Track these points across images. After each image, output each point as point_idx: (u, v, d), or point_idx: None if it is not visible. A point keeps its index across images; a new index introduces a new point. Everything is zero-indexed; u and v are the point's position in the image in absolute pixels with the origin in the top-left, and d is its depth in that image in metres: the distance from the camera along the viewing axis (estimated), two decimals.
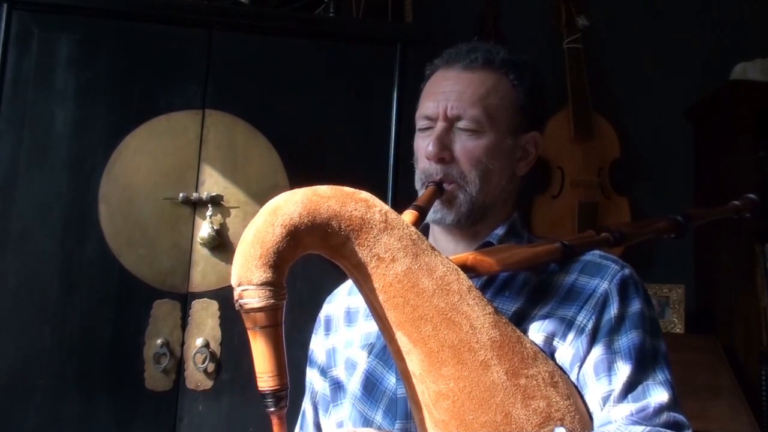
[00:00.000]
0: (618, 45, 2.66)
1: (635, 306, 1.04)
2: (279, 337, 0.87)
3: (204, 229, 1.79)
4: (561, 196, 2.44)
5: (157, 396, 1.74)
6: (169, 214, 1.80)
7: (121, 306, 1.76)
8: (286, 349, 0.89)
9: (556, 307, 1.05)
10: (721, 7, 2.71)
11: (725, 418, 2.10)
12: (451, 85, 1.14)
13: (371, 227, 0.92)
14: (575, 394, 0.98)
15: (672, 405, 0.97)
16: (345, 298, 1.25)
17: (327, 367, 1.22)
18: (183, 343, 1.76)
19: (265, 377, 0.87)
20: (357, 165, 1.86)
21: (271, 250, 0.86)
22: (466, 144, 1.11)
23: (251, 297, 0.86)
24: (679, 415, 0.97)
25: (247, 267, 0.86)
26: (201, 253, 1.80)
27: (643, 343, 1.01)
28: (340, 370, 1.18)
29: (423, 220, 1.07)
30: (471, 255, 1.03)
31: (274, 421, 0.87)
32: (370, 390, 1.10)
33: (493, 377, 0.91)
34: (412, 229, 0.95)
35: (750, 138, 2.36)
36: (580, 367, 1.01)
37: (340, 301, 1.26)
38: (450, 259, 0.97)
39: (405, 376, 0.96)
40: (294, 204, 0.89)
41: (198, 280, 1.79)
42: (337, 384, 1.18)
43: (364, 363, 1.13)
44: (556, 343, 1.02)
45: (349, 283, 1.24)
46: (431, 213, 1.11)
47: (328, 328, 1.26)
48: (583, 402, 0.99)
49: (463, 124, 1.11)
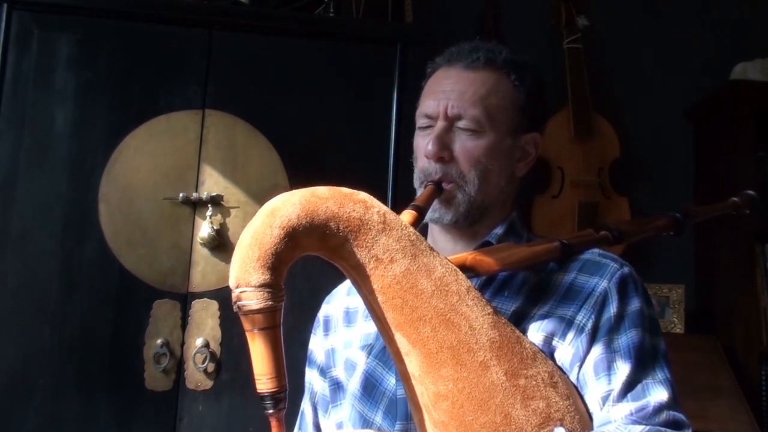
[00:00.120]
0: (618, 45, 2.65)
1: (634, 305, 1.04)
2: (277, 338, 0.87)
3: (204, 229, 1.79)
4: (561, 196, 2.43)
5: (157, 396, 1.74)
6: (169, 214, 1.80)
7: (121, 306, 1.76)
8: (286, 349, 0.89)
9: (556, 306, 1.05)
10: (721, 7, 2.71)
11: (725, 418, 2.10)
12: (452, 84, 1.13)
13: (369, 228, 0.91)
14: (575, 394, 0.98)
15: (671, 404, 0.96)
16: (344, 298, 1.25)
17: (326, 368, 1.21)
18: (183, 343, 1.76)
19: (263, 379, 0.86)
20: (357, 165, 1.86)
21: (269, 252, 0.86)
22: (466, 144, 1.11)
23: (249, 299, 0.85)
24: (679, 414, 0.97)
25: (245, 269, 0.86)
26: (201, 253, 1.80)
27: (642, 342, 1.00)
28: (340, 371, 1.18)
29: (422, 220, 1.06)
30: (470, 255, 1.02)
31: (273, 424, 0.87)
32: (370, 391, 1.10)
33: (493, 378, 0.90)
34: (411, 229, 0.95)
35: (750, 138, 2.36)
36: (580, 366, 1.00)
37: (338, 302, 1.26)
38: (449, 260, 0.97)
39: (404, 377, 0.96)
40: (292, 205, 0.89)
41: (198, 280, 1.79)
42: (337, 384, 1.18)
43: (363, 364, 1.12)
44: (555, 342, 1.02)
45: (347, 283, 1.23)
46: (429, 212, 1.11)
47: (327, 329, 1.25)
48: (583, 402, 0.99)
49: (464, 123, 1.11)
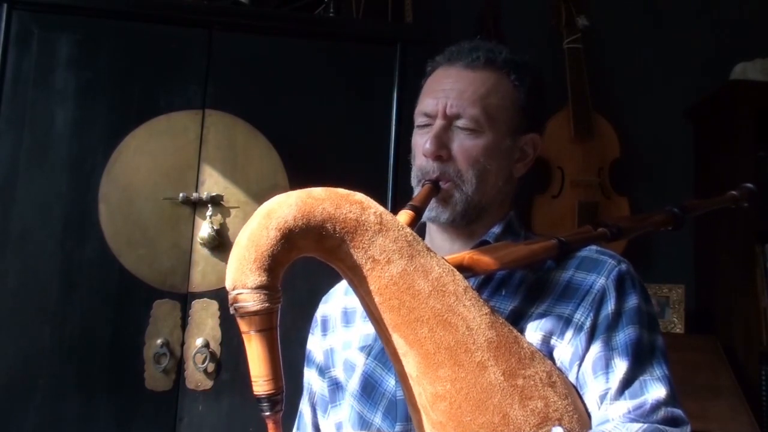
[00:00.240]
0: (618, 45, 2.65)
1: (632, 301, 1.03)
2: (274, 340, 0.87)
3: (204, 229, 1.79)
4: (561, 196, 2.43)
5: (157, 396, 1.74)
6: (169, 214, 1.80)
7: (121, 306, 1.76)
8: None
9: (554, 304, 1.04)
10: (721, 7, 2.71)
11: (725, 418, 2.10)
12: (451, 83, 1.13)
13: (366, 229, 0.91)
14: (573, 393, 0.98)
15: (670, 400, 0.96)
16: (341, 298, 1.24)
17: (325, 368, 1.21)
18: (183, 343, 1.77)
19: (260, 381, 0.86)
20: (357, 165, 1.86)
21: (266, 254, 0.86)
22: (464, 143, 1.11)
23: (246, 300, 0.85)
24: (677, 410, 0.96)
25: (241, 270, 0.86)
26: (201, 253, 1.80)
27: (640, 339, 1.00)
28: (339, 371, 1.17)
29: (419, 220, 1.06)
30: (467, 255, 1.02)
31: (270, 426, 0.87)
32: (369, 392, 1.10)
33: (490, 378, 0.90)
34: (408, 230, 0.95)
35: (750, 138, 2.35)
36: (580, 365, 1.00)
37: (336, 301, 1.25)
38: (446, 260, 0.97)
39: (402, 378, 0.96)
40: (288, 207, 0.89)
41: (198, 280, 1.79)
42: (336, 384, 1.18)
43: (362, 365, 1.12)
44: (554, 341, 1.02)
45: (345, 283, 1.22)
46: (427, 211, 1.10)
47: (325, 329, 1.25)
48: (583, 401, 0.99)
49: (462, 122, 1.10)
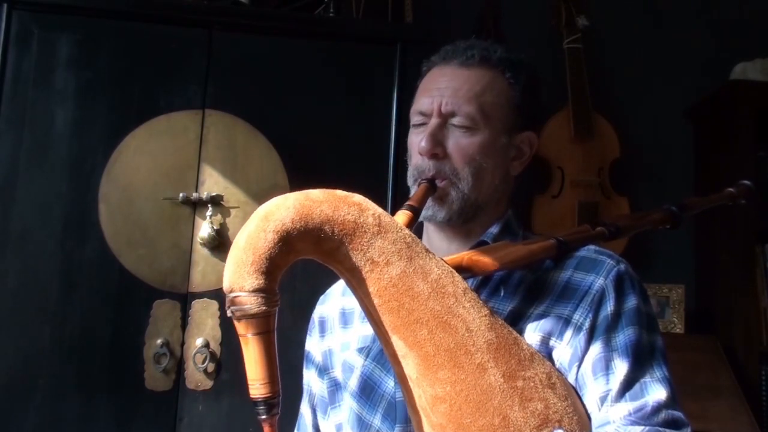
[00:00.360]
0: (618, 45, 2.65)
1: (631, 302, 1.03)
2: (271, 344, 0.86)
3: (204, 229, 1.79)
4: (561, 196, 2.43)
5: (157, 396, 1.74)
6: (169, 214, 1.80)
7: (121, 306, 1.76)
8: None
9: (552, 305, 1.04)
10: (721, 7, 2.70)
11: (725, 418, 2.10)
12: (446, 81, 1.13)
13: (365, 231, 0.91)
14: (573, 395, 0.97)
15: (670, 402, 0.96)
16: (339, 299, 1.24)
17: (324, 369, 1.21)
18: (183, 343, 1.77)
19: (257, 384, 0.85)
20: (357, 165, 1.87)
21: (264, 257, 0.85)
22: (460, 141, 1.10)
23: (243, 304, 0.85)
24: (678, 413, 0.96)
25: (239, 273, 0.86)
26: (201, 253, 1.80)
27: (639, 340, 1.00)
28: (338, 372, 1.17)
29: (417, 220, 1.06)
30: (466, 255, 1.02)
31: (266, 429, 0.86)
32: (368, 393, 1.09)
33: (490, 380, 0.90)
34: (406, 231, 0.95)
35: (750, 138, 2.35)
36: (579, 366, 1.00)
37: (334, 302, 1.25)
38: (445, 261, 0.97)
39: (401, 380, 0.95)
40: (286, 209, 0.88)
41: (198, 280, 1.79)
42: (336, 385, 1.17)
43: (361, 366, 1.12)
44: (553, 342, 1.02)
45: (342, 284, 1.23)
46: (423, 210, 1.10)
47: (322, 330, 1.24)
48: (582, 402, 0.99)
49: (458, 120, 1.10)
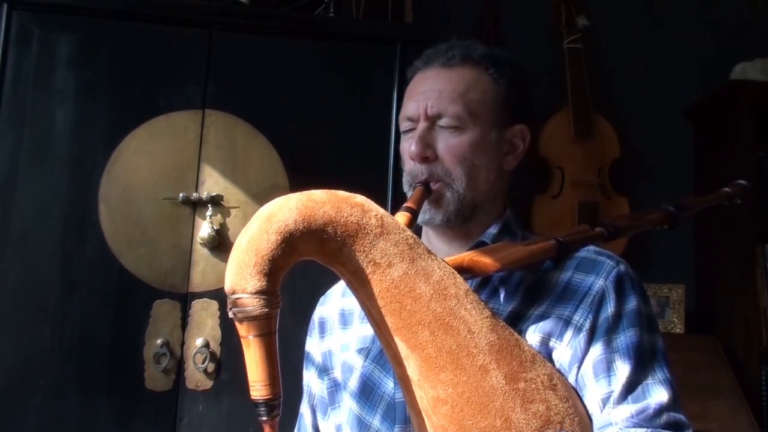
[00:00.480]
0: (618, 45, 2.65)
1: (632, 303, 1.03)
2: (273, 345, 0.86)
3: (204, 229, 1.79)
4: (561, 196, 2.43)
5: (157, 396, 1.74)
6: (169, 214, 1.80)
7: (121, 306, 1.76)
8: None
9: (552, 306, 1.04)
10: (721, 7, 2.71)
11: (725, 418, 2.10)
12: (430, 84, 1.13)
13: (367, 232, 0.90)
14: (574, 396, 0.97)
15: (672, 404, 0.96)
16: (339, 300, 1.24)
17: (324, 369, 1.21)
18: (183, 343, 1.76)
19: (258, 386, 0.85)
20: (357, 165, 1.86)
21: (266, 258, 0.85)
22: (449, 141, 1.10)
23: (245, 305, 0.84)
24: (680, 415, 0.96)
25: (241, 275, 0.85)
26: (201, 253, 1.80)
27: (641, 342, 1.00)
28: (338, 373, 1.17)
29: (415, 222, 1.06)
30: (467, 256, 1.02)
31: (267, 431, 0.86)
32: (368, 394, 1.09)
33: (492, 382, 0.90)
34: (408, 233, 0.94)
35: (750, 138, 2.36)
36: (579, 367, 1.00)
37: (333, 303, 1.25)
38: (446, 262, 0.96)
39: (403, 381, 0.95)
40: (288, 210, 0.87)
41: (198, 280, 1.79)
42: (335, 386, 1.18)
43: (360, 367, 1.12)
44: (553, 343, 1.02)
45: (342, 284, 1.23)
46: (421, 214, 1.10)
47: (322, 331, 1.25)
48: (583, 404, 0.99)
49: (445, 121, 1.10)
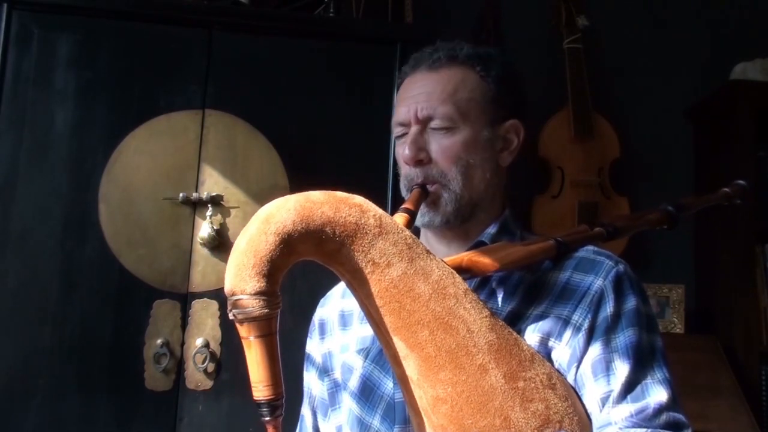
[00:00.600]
0: (618, 45, 2.65)
1: (631, 303, 1.03)
2: (274, 346, 0.86)
3: (204, 229, 1.79)
4: (561, 196, 2.43)
5: (157, 396, 1.74)
6: (169, 214, 1.80)
7: (121, 306, 1.76)
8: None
9: (551, 306, 1.04)
10: (721, 7, 2.71)
11: (725, 418, 2.10)
12: (418, 87, 1.13)
13: (366, 232, 0.90)
14: (573, 395, 0.97)
15: (671, 404, 0.96)
16: (338, 301, 1.25)
17: (325, 371, 1.21)
18: (183, 343, 1.77)
19: (260, 387, 0.85)
20: (357, 165, 1.87)
21: (265, 259, 0.85)
22: (442, 142, 1.11)
23: (245, 306, 0.84)
24: (679, 415, 0.96)
25: (240, 276, 0.85)
26: (201, 253, 1.80)
27: (640, 341, 1.00)
28: (338, 374, 1.17)
29: (414, 223, 1.06)
30: (466, 256, 1.02)
31: (269, 431, 0.86)
32: (367, 395, 1.10)
33: (491, 381, 0.90)
34: (407, 233, 0.94)
35: (750, 138, 2.36)
36: (578, 367, 1.00)
37: (333, 304, 1.26)
38: (445, 262, 0.96)
39: (402, 381, 0.95)
40: (287, 211, 0.88)
41: (198, 280, 1.79)
42: (336, 387, 1.18)
43: (360, 367, 1.12)
44: (552, 343, 1.02)
45: (342, 286, 1.23)
46: (419, 217, 1.10)
47: (322, 332, 1.25)
48: (582, 403, 0.99)
49: (436, 123, 1.11)
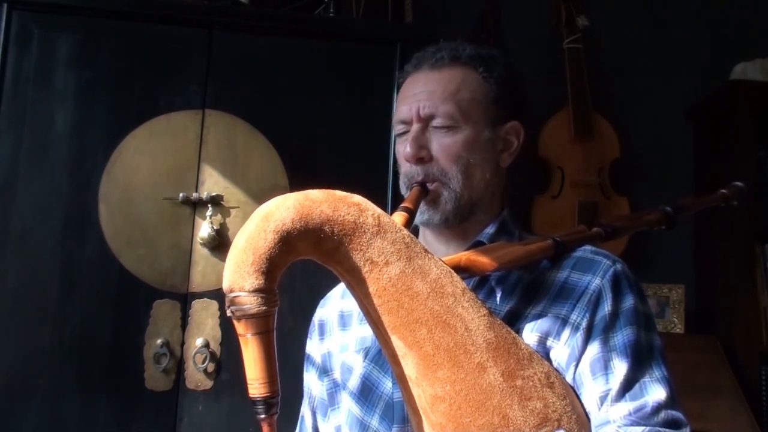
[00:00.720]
0: (618, 45, 2.65)
1: (629, 302, 1.03)
2: (271, 343, 0.86)
3: (204, 229, 1.79)
4: (561, 196, 2.44)
5: (157, 396, 1.74)
6: (169, 214, 1.80)
7: (121, 306, 1.76)
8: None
9: (550, 305, 1.04)
10: (721, 7, 2.71)
11: (725, 418, 2.10)
12: (421, 86, 1.14)
13: (364, 231, 0.91)
14: (571, 394, 0.98)
15: (670, 402, 0.96)
16: (338, 302, 1.25)
17: (324, 371, 1.22)
18: (183, 343, 1.77)
19: (256, 384, 0.86)
20: (357, 165, 1.86)
21: (264, 257, 0.85)
22: (443, 141, 1.11)
23: (243, 303, 0.85)
24: (677, 413, 0.96)
25: (239, 273, 0.86)
26: (201, 253, 1.80)
27: (638, 340, 1.00)
28: (337, 374, 1.18)
29: (413, 222, 1.07)
30: (464, 256, 1.02)
31: (265, 429, 0.86)
32: (367, 394, 1.10)
33: (490, 379, 0.90)
34: (405, 232, 0.95)
35: (750, 138, 2.36)
36: (576, 366, 1.00)
37: (333, 305, 1.26)
38: (443, 261, 0.97)
39: (401, 380, 0.95)
40: (286, 209, 0.88)
41: (198, 280, 1.79)
42: (335, 387, 1.18)
43: (359, 367, 1.12)
44: (550, 342, 1.02)
45: (341, 286, 1.23)
46: (418, 215, 1.10)
47: (322, 333, 1.25)
48: (580, 401, 0.99)
49: (438, 121, 1.11)
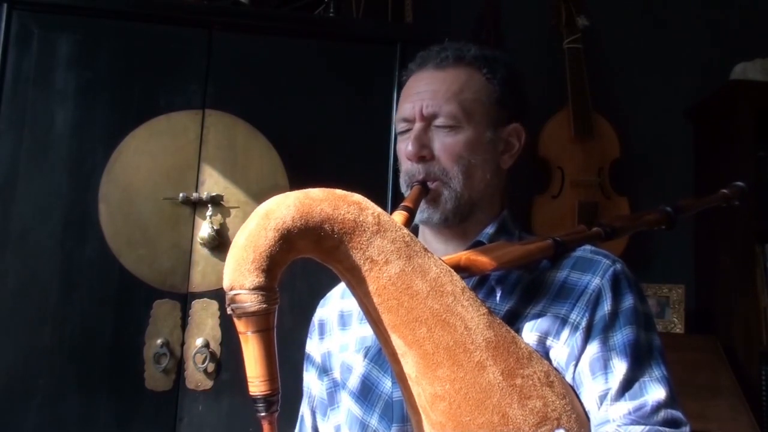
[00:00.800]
0: (618, 45, 2.65)
1: (628, 301, 1.04)
2: (271, 341, 0.87)
3: (204, 229, 1.79)
4: (561, 196, 2.44)
5: (157, 396, 1.74)
6: (169, 214, 1.80)
7: (121, 306, 1.76)
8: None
9: (549, 305, 1.05)
10: (721, 7, 2.71)
11: (725, 418, 2.10)
12: (424, 85, 1.14)
13: (364, 230, 0.91)
14: (571, 393, 0.98)
15: (669, 401, 0.96)
16: (338, 301, 1.25)
17: (324, 371, 1.22)
18: (183, 343, 1.77)
19: (256, 382, 0.86)
20: (357, 165, 1.87)
21: (264, 255, 0.86)
22: (445, 140, 1.12)
23: (244, 301, 0.85)
24: (677, 412, 0.96)
25: (239, 271, 0.86)
26: (201, 253, 1.80)
27: (637, 339, 1.00)
28: (337, 374, 1.18)
29: (413, 220, 1.07)
30: (464, 255, 1.02)
31: (265, 426, 0.87)
32: (366, 394, 1.10)
33: (489, 378, 0.90)
34: (405, 231, 0.95)
35: (750, 138, 2.36)
36: (576, 365, 1.00)
37: (333, 305, 1.26)
38: (443, 260, 0.97)
39: (401, 378, 0.95)
40: (287, 207, 0.88)
41: (198, 280, 1.80)
42: (335, 386, 1.18)
43: (359, 367, 1.12)
44: (550, 342, 1.02)
45: (342, 286, 1.24)
46: (418, 214, 1.11)
47: (322, 332, 1.25)
48: (579, 401, 0.99)
49: (440, 121, 1.12)
